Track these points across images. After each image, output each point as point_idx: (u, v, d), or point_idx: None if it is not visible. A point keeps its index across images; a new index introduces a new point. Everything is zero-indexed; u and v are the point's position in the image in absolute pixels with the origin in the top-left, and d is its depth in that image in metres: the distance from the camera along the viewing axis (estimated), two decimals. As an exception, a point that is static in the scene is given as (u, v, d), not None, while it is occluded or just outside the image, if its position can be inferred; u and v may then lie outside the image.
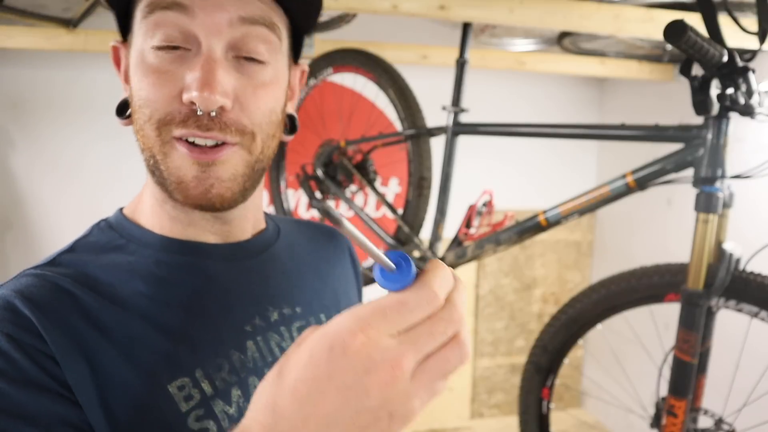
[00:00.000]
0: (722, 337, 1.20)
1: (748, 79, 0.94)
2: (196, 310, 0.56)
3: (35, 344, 0.47)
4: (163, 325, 0.54)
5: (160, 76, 0.52)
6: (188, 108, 0.51)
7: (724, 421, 1.13)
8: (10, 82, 2.41)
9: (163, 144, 0.53)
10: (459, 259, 1.46)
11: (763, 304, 0.97)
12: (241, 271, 0.61)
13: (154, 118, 0.53)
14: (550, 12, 1.46)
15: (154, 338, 0.53)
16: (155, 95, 0.52)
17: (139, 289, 0.55)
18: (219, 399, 0.53)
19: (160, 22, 0.51)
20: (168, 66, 0.52)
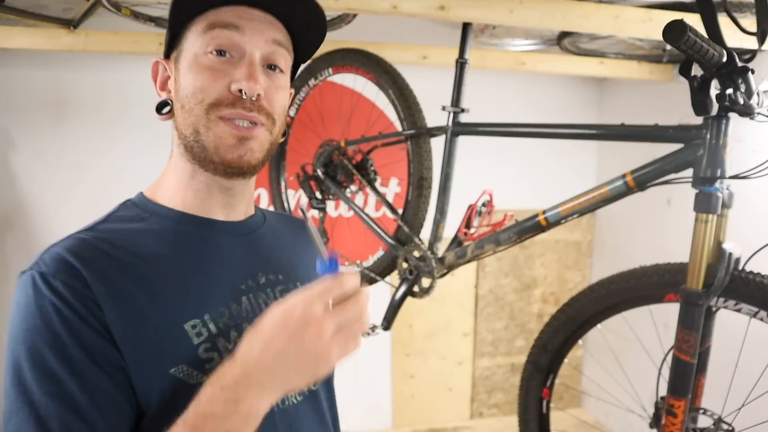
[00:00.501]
0: (722, 337, 1.20)
1: (748, 80, 0.94)
2: (205, 269, 0.73)
3: (84, 291, 0.62)
4: (180, 279, 0.70)
5: (213, 72, 0.71)
6: (234, 95, 0.70)
7: (723, 421, 1.14)
8: (10, 82, 2.41)
9: (209, 121, 0.71)
10: (459, 259, 1.46)
11: (762, 304, 0.98)
12: (239, 244, 0.79)
13: (206, 102, 0.70)
14: (549, 12, 1.46)
15: (174, 289, 0.69)
16: (209, 85, 0.70)
17: (162, 251, 0.71)
18: (221, 337, 0.70)
19: (217, 36, 0.71)
20: (220, 66, 0.71)
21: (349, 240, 2.41)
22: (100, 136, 2.51)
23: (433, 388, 3.19)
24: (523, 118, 1.38)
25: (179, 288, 0.70)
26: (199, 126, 0.71)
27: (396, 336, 3.08)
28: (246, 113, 0.71)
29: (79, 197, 2.51)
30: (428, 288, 1.55)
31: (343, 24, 1.93)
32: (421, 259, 1.55)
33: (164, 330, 0.66)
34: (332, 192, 1.88)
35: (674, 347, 1.04)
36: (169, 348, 0.66)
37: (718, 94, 0.93)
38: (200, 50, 0.71)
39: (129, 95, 2.53)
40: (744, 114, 0.96)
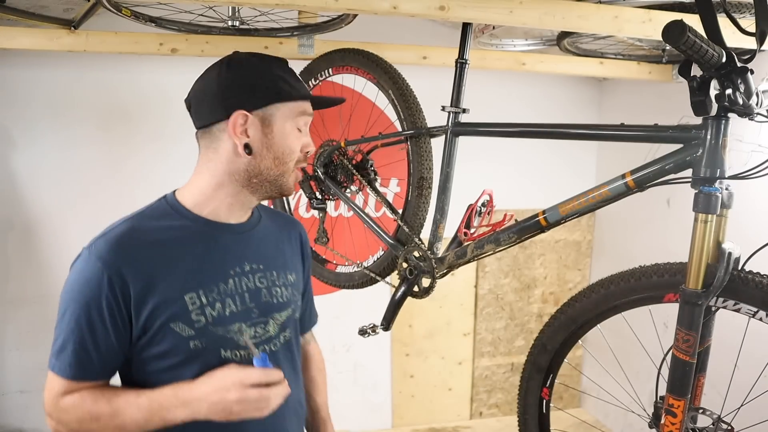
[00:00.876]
0: (721, 337, 1.21)
1: (747, 80, 0.94)
2: (207, 258, 1.04)
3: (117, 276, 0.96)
4: (186, 262, 1.02)
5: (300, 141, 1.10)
6: (305, 157, 1.12)
7: (722, 420, 1.14)
8: (11, 83, 2.41)
9: (292, 172, 1.10)
10: (459, 259, 1.47)
11: (761, 304, 0.98)
12: (236, 240, 1.09)
13: (296, 158, 1.09)
14: (549, 13, 1.46)
15: (181, 271, 1.01)
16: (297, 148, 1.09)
17: (179, 243, 1.03)
18: (209, 306, 1.02)
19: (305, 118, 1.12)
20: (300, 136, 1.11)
21: (349, 240, 2.41)
22: (100, 136, 2.52)
23: (433, 388, 3.19)
24: (523, 118, 1.38)
25: (185, 271, 1.01)
26: (286, 172, 1.08)
27: (396, 336, 3.08)
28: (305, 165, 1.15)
29: (80, 197, 2.51)
30: (428, 288, 1.56)
31: (343, 24, 1.93)
32: (421, 259, 1.55)
33: (170, 299, 0.99)
34: (332, 192, 1.89)
35: (673, 347, 1.04)
36: (172, 311, 0.99)
37: (717, 95, 0.93)
38: (295, 124, 1.09)
39: (129, 96, 2.53)
40: (743, 114, 0.96)
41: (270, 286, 1.11)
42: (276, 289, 1.12)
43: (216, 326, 1.01)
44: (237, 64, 1.06)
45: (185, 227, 1.04)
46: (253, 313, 1.07)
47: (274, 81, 1.05)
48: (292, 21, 2.04)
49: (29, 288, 2.52)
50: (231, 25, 1.95)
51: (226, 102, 1.02)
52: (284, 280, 1.15)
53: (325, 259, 2.04)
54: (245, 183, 1.06)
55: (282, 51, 2.04)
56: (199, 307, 1.00)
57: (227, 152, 1.04)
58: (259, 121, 1.03)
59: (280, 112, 1.05)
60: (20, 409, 2.60)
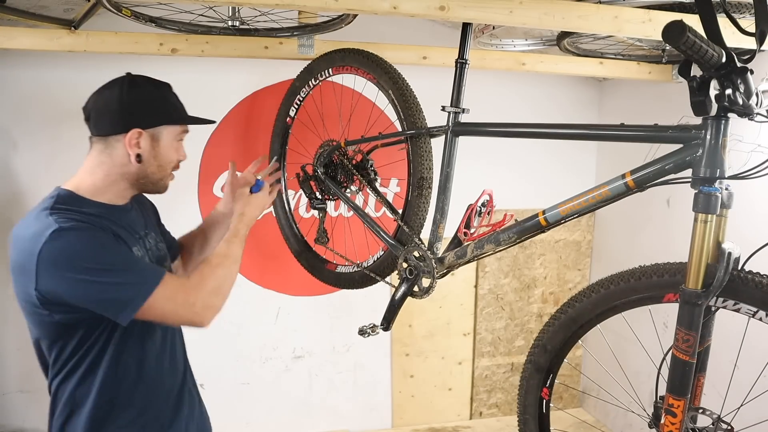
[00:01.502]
0: (721, 337, 1.21)
1: (747, 80, 0.94)
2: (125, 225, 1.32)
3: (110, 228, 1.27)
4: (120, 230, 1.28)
5: (178, 152, 1.40)
6: (178, 164, 1.41)
7: (722, 420, 1.14)
8: (12, 83, 2.41)
9: (169, 176, 1.40)
10: (459, 259, 1.47)
11: (761, 304, 0.98)
12: (127, 216, 1.36)
13: (173, 166, 1.40)
14: (549, 13, 1.46)
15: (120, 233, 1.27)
16: (175, 158, 1.39)
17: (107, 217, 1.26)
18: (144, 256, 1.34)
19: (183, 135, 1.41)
20: (180, 147, 1.41)
21: (349, 240, 2.41)
22: (100, 136, 2.51)
23: (433, 388, 3.19)
24: (523, 118, 1.38)
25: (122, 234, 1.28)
26: (165, 176, 1.38)
27: (396, 336, 3.08)
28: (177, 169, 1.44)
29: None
30: (428, 288, 1.56)
31: (343, 24, 1.93)
32: (421, 259, 1.56)
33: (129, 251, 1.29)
34: (332, 192, 1.89)
35: (673, 347, 1.04)
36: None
37: (717, 95, 0.94)
38: (176, 140, 1.38)
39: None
40: (743, 114, 0.96)
41: (156, 243, 1.46)
42: (160, 244, 1.48)
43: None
44: (136, 88, 1.31)
45: (102, 210, 1.28)
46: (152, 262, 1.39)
47: (166, 106, 1.35)
48: (292, 21, 2.04)
49: (29, 288, 2.52)
50: (231, 25, 1.95)
51: (125, 119, 1.28)
52: (158, 237, 1.50)
53: (325, 260, 2.04)
54: (133, 182, 1.34)
55: (282, 51, 2.04)
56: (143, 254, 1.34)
57: (120, 158, 1.29)
58: (150, 137, 1.30)
59: (167, 131, 1.34)
60: (20, 409, 2.60)
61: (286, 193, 2.18)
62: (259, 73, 2.63)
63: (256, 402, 2.93)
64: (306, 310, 2.93)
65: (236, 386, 2.90)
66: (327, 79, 1.89)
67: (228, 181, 1.73)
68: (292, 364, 2.96)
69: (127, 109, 1.28)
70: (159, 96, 1.34)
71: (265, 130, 2.43)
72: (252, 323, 2.86)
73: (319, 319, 2.96)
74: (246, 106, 2.67)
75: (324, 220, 2.02)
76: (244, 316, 2.84)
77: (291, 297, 2.89)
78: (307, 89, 1.99)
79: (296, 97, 2.03)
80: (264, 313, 2.87)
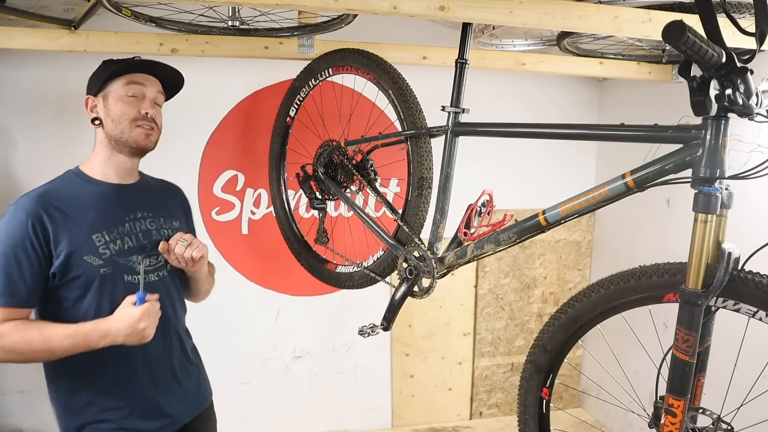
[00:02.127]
0: (721, 337, 1.21)
1: (747, 80, 0.94)
2: (105, 208, 1.43)
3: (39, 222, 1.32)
4: (91, 212, 1.40)
5: (132, 105, 1.46)
6: (143, 116, 1.46)
7: (722, 420, 1.14)
8: (11, 83, 2.41)
9: (131, 129, 1.45)
10: (459, 259, 1.47)
11: (761, 304, 0.98)
12: (126, 195, 1.49)
13: (129, 118, 1.45)
14: (549, 13, 1.46)
15: (89, 219, 1.39)
16: (130, 111, 1.45)
17: (86, 200, 1.42)
18: (111, 243, 1.40)
19: (131, 87, 1.47)
20: (134, 102, 1.46)
21: (349, 240, 2.41)
22: (100, 136, 2.52)
23: (433, 388, 3.19)
24: (523, 118, 1.39)
25: (91, 218, 1.39)
26: (124, 130, 1.44)
27: (396, 336, 3.08)
28: (149, 122, 1.48)
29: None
30: (428, 288, 1.56)
31: (343, 24, 1.93)
32: (421, 259, 1.56)
33: (82, 238, 1.36)
34: (332, 192, 1.89)
35: (673, 347, 1.04)
36: (84, 247, 1.36)
37: (717, 95, 0.94)
38: (122, 93, 1.45)
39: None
40: (743, 114, 0.96)
41: (159, 228, 1.52)
42: (164, 230, 1.52)
43: (119, 257, 1.40)
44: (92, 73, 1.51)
45: (88, 188, 1.44)
46: (146, 247, 1.46)
47: (105, 70, 1.47)
48: (292, 21, 2.04)
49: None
50: (231, 25, 1.95)
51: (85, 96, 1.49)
52: (170, 225, 1.55)
53: (325, 259, 2.04)
54: (109, 146, 1.46)
55: (282, 51, 2.04)
56: (104, 243, 1.39)
57: (96, 130, 1.48)
58: (101, 99, 1.46)
59: (112, 89, 1.46)
60: (20, 409, 2.60)
61: (286, 193, 2.19)
62: (259, 73, 2.63)
63: (256, 402, 2.93)
64: (306, 310, 2.93)
65: (236, 386, 2.90)
66: (327, 79, 1.89)
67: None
68: (292, 364, 2.96)
69: (86, 87, 1.50)
70: (103, 65, 1.49)
71: (265, 130, 2.43)
72: (252, 323, 2.86)
73: (319, 319, 2.96)
74: (246, 106, 2.67)
75: (324, 220, 2.02)
76: (244, 316, 2.83)
77: (291, 297, 2.88)
78: (307, 89, 1.99)
79: (296, 97, 2.03)
80: (264, 313, 2.87)
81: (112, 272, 1.38)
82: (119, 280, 1.40)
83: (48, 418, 2.65)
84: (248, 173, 2.69)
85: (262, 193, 2.72)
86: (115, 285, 1.38)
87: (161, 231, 1.51)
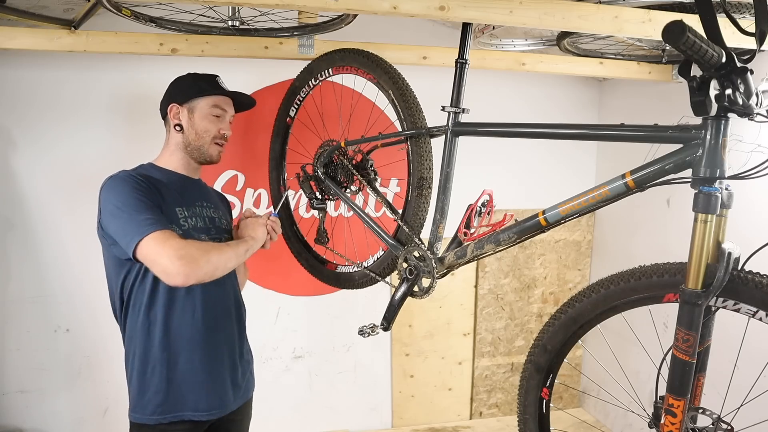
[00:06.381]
0: (721, 337, 1.21)
1: (747, 80, 0.94)
2: (182, 191, 1.65)
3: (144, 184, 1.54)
4: (171, 192, 1.61)
5: (215, 124, 1.70)
6: (221, 135, 1.71)
7: (722, 420, 1.14)
8: (12, 83, 2.41)
9: (210, 144, 1.70)
10: (459, 259, 1.47)
11: (760, 304, 0.98)
12: (194, 187, 1.72)
13: (211, 135, 1.69)
14: (549, 13, 1.46)
15: (171, 195, 1.59)
16: (213, 128, 1.69)
17: (167, 180, 1.64)
18: (189, 218, 1.61)
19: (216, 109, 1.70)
20: (216, 122, 1.70)
21: (349, 240, 2.41)
22: (100, 136, 2.52)
23: (433, 388, 3.19)
24: (523, 118, 1.39)
25: (175, 195, 1.60)
26: (205, 144, 1.68)
27: (396, 336, 3.08)
28: (223, 141, 1.72)
29: (79, 197, 2.50)
30: (428, 288, 1.56)
31: (343, 24, 1.93)
32: (421, 259, 1.56)
33: (168, 209, 1.54)
34: (332, 192, 1.89)
35: (673, 347, 1.04)
36: (170, 216, 1.54)
37: (717, 95, 0.93)
38: (209, 112, 1.67)
39: (130, 96, 2.53)
40: (743, 114, 0.96)
41: (219, 217, 1.72)
42: (222, 220, 1.73)
43: (193, 231, 1.58)
44: (177, 79, 1.71)
45: (165, 174, 1.65)
46: (212, 230, 1.66)
47: (197, 86, 1.67)
48: (292, 21, 2.04)
49: (29, 288, 2.52)
50: (231, 25, 1.95)
51: (167, 100, 1.68)
52: (226, 217, 1.78)
53: (325, 259, 2.04)
54: (184, 150, 1.67)
55: (282, 51, 2.04)
56: (185, 218, 1.58)
57: (171, 131, 1.68)
58: (186, 110, 1.66)
59: (200, 105, 1.66)
60: (20, 409, 2.60)
61: (285, 194, 2.18)
62: (259, 73, 2.63)
63: (256, 402, 2.92)
64: (306, 310, 2.93)
65: (236, 386, 2.90)
66: (327, 79, 1.89)
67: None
68: (292, 364, 2.96)
69: (169, 93, 1.69)
70: (191, 79, 1.68)
71: (265, 130, 2.43)
72: (252, 323, 2.84)
73: (319, 319, 2.96)
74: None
75: (324, 220, 2.02)
76: (244, 316, 2.83)
77: (291, 297, 2.88)
78: (307, 89, 1.99)
79: (296, 97, 2.03)
80: (264, 313, 2.87)
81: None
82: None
83: (48, 418, 2.66)
84: (248, 173, 2.69)
85: (262, 193, 2.72)
86: None
87: (222, 219, 1.73)
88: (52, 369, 2.61)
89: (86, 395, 2.69)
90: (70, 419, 2.66)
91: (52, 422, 2.65)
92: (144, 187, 1.50)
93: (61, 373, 2.62)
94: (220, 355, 1.64)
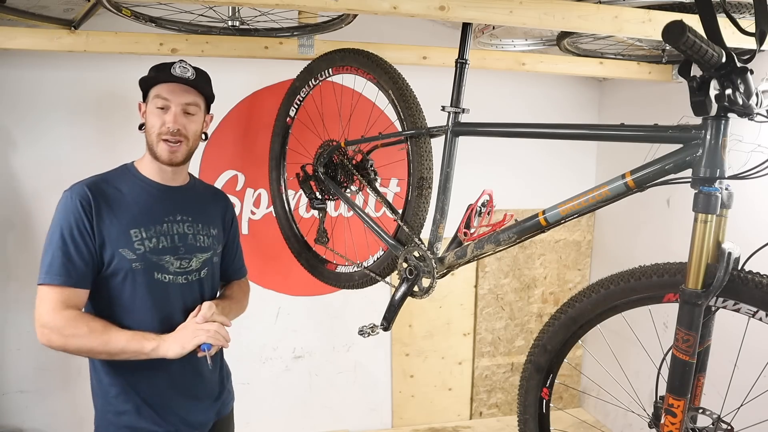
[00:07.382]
0: (721, 337, 1.21)
1: (747, 80, 0.94)
2: (147, 206, 1.50)
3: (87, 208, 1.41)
4: (133, 208, 1.47)
5: (158, 117, 1.49)
6: (166, 129, 1.48)
7: (722, 420, 1.14)
8: (12, 83, 2.41)
9: (158, 143, 1.49)
10: (459, 259, 1.47)
11: (760, 304, 0.98)
12: (169, 197, 1.55)
13: (155, 132, 1.49)
14: (549, 13, 1.46)
15: (129, 211, 1.46)
16: (156, 123, 1.49)
17: (132, 194, 1.49)
18: (147, 240, 1.45)
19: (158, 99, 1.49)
20: (160, 114, 1.49)
21: (349, 240, 2.41)
22: (101, 136, 2.51)
23: (433, 388, 3.19)
24: (523, 118, 1.38)
25: (132, 213, 1.46)
26: (153, 144, 1.50)
27: (396, 336, 3.08)
28: (173, 137, 1.49)
29: (80, 197, 2.51)
30: (428, 288, 1.56)
31: (343, 24, 1.93)
32: (421, 259, 1.56)
33: (120, 232, 1.43)
34: (332, 192, 1.89)
35: (673, 347, 1.04)
36: (122, 240, 1.42)
37: (717, 95, 0.93)
38: (153, 105, 1.49)
39: (129, 95, 2.53)
40: (743, 114, 0.96)
41: (195, 233, 1.56)
42: (200, 236, 1.57)
43: (151, 255, 1.46)
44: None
45: (135, 185, 1.51)
46: (180, 250, 1.51)
47: (147, 77, 1.52)
48: (292, 21, 2.04)
49: (29, 288, 2.51)
50: (231, 25, 1.95)
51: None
52: (207, 232, 1.59)
53: (325, 259, 2.04)
54: (149, 152, 1.53)
55: (282, 51, 2.04)
56: (140, 240, 1.45)
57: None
58: (146, 107, 1.53)
59: (150, 99, 1.51)
60: (20, 409, 2.60)
61: (286, 193, 2.19)
62: (259, 73, 2.63)
63: (256, 402, 2.93)
64: (306, 310, 2.93)
65: (236, 386, 2.88)
66: (327, 79, 1.89)
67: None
68: (292, 364, 2.96)
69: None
70: (150, 71, 1.53)
71: (265, 130, 2.43)
72: (252, 323, 2.86)
73: (319, 319, 2.96)
74: (246, 106, 2.66)
75: (324, 220, 2.02)
76: (244, 316, 2.82)
77: (291, 297, 2.88)
78: (307, 89, 1.99)
79: (296, 97, 2.03)
80: (264, 313, 2.87)
81: (143, 268, 1.44)
82: (150, 277, 1.45)
83: (48, 418, 2.66)
84: (248, 173, 2.69)
85: (262, 193, 2.72)
86: (145, 281, 1.45)
87: (197, 236, 1.56)
88: (52, 369, 2.60)
89: (86, 395, 2.67)
90: (70, 419, 2.66)
91: (52, 422, 2.65)
92: (75, 219, 1.39)
93: (61, 373, 2.62)
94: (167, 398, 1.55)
